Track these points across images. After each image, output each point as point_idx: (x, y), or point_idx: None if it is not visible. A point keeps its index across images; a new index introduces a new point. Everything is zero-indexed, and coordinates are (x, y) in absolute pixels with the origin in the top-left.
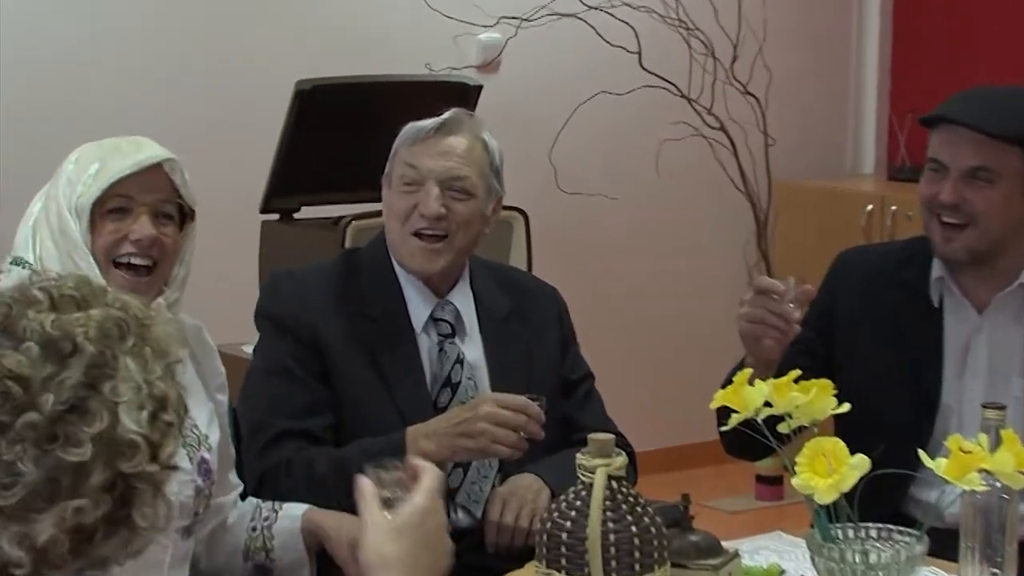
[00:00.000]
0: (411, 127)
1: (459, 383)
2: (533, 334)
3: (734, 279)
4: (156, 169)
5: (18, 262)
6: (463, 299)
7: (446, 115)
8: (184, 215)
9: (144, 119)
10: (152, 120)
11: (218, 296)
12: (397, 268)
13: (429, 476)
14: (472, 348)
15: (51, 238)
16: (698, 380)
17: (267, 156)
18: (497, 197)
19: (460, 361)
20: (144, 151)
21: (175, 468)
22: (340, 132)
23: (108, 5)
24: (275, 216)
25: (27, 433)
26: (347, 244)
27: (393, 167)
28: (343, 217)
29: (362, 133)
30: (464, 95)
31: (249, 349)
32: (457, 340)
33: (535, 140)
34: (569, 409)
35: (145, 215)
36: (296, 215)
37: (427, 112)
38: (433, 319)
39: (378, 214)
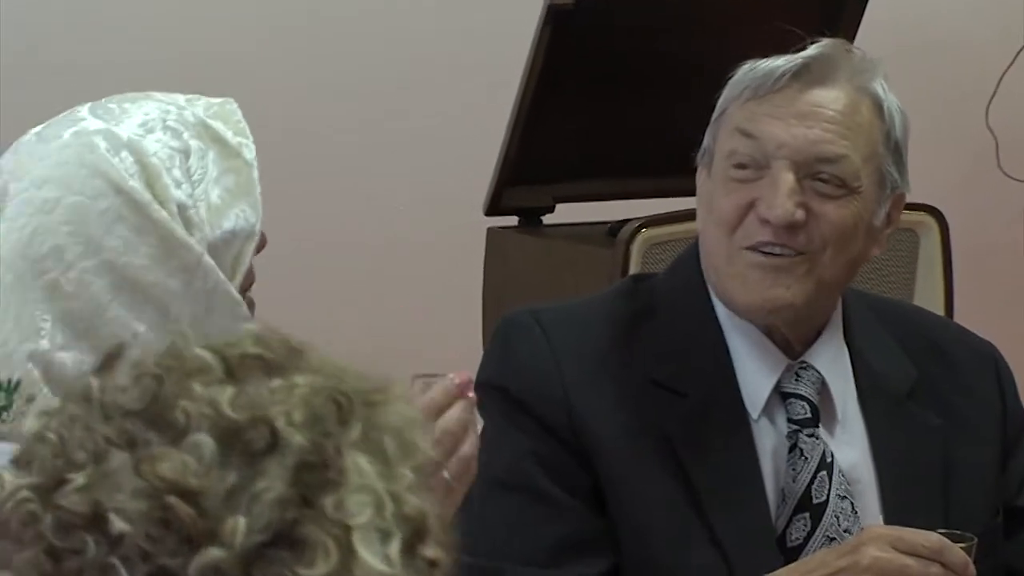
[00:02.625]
0: (749, 70)
1: (825, 504)
2: (956, 425)
3: None
4: None
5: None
6: (833, 362)
7: (811, 50)
8: None
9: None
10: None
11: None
12: (719, 308)
13: None
14: (848, 446)
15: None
16: None
17: (496, 123)
18: (895, 195)
19: (827, 467)
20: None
21: None
22: (620, 77)
23: None
24: (511, 220)
25: None
26: (633, 267)
27: (716, 138)
28: (627, 221)
29: (658, 81)
30: (837, 9)
31: None
32: (822, 431)
33: (959, 90)
34: (1015, 556)
35: None
36: (546, 218)
37: (773, 44)
38: (781, 395)
39: (687, 216)
